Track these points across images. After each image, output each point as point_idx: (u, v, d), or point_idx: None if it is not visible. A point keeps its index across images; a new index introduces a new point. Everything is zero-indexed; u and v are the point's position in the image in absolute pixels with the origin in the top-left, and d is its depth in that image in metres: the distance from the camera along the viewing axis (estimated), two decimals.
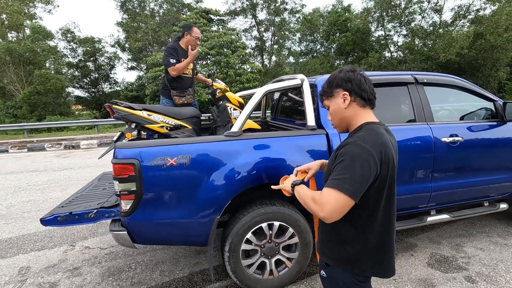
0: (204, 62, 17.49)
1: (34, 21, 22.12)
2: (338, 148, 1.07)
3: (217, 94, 3.13)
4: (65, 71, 23.33)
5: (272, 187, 1.32)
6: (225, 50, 17.23)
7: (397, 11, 20.39)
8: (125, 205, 1.86)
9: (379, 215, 1.05)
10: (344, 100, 1.10)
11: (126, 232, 1.92)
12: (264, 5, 23.84)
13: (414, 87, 2.44)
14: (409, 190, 2.35)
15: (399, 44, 22.33)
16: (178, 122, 2.74)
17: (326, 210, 0.96)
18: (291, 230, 2.09)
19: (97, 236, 3.23)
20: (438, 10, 20.21)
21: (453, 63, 17.87)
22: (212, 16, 20.62)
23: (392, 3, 19.75)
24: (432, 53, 18.16)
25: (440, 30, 19.30)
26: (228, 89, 3.19)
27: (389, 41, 22.46)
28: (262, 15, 24.58)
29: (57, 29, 29.02)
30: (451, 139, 2.40)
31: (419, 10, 20.54)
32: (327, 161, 1.33)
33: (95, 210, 2.04)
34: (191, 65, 3.25)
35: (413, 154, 2.32)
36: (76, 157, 8.32)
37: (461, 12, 19.36)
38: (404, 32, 21.59)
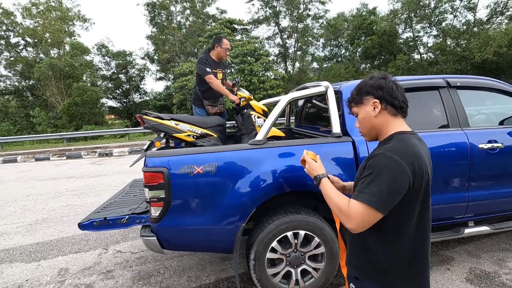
0: (228, 71, 17.88)
1: (73, 38, 23.94)
2: (367, 159, 1.04)
3: (241, 103, 3.18)
4: (99, 83, 24.90)
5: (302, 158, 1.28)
6: (249, 58, 17.51)
7: (427, 11, 19.60)
8: (155, 212, 1.94)
9: (412, 228, 1.00)
10: (374, 108, 1.07)
11: (155, 238, 1.99)
12: (287, 12, 23.99)
13: (446, 91, 2.33)
14: (443, 200, 2.22)
15: (429, 45, 21.39)
16: (204, 131, 2.82)
17: (353, 223, 0.95)
18: (317, 239, 2.06)
19: (128, 240, 3.38)
20: (472, 8, 19.16)
21: (490, 63, 16.75)
22: (236, 26, 21.12)
23: (421, 3, 19.03)
24: (467, 53, 17.19)
25: (475, 28, 18.26)
26: (252, 97, 3.23)
27: (418, 42, 21.60)
28: (285, 22, 24.74)
29: (93, 44, 31.23)
30: (489, 145, 2.24)
31: (450, 9, 19.62)
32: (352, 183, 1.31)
33: (127, 216, 2.14)
34: (221, 75, 3.36)
35: (447, 161, 2.20)
36: (109, 164, 8.78)
37: (497, 9, 18.18)
38: (435, 32, 20.69)
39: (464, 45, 18.08)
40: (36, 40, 22.33)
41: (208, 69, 3.17)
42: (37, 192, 5.85)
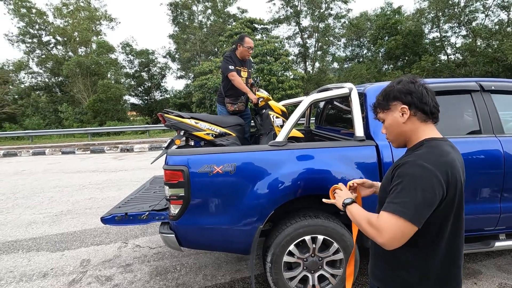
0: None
1: (99, 37, 24.88)
2: (394, 167, 0.98)
3: (260, 103, 3.17)
4: (123, 81, 25.76)
5: (324, 200, 1.23)
6: (268, 57, 17.47)
7: (456, 10, 18.74)
8: (174, 209, 1.96)
9: (444, 242, 0.94)
10: (402, 114, 1.01)
11: (174, 235, 2.02)
12: (308, 12, 23.72)
13: (479, 95, 2.20)
14: (473, 210, 2.10)
15: (457, 45, 20.44)
16: (223, 130, 2.85)
17: (385, 237, 0.87)
18: (336, 245, 2.01)
19: (147, 235, 3.46)
20: (506, 7, 18.13)
21: None
22: (256, 25, 21.12)
23: (450, 1, 18.22)
24: (499, 55, 16.27)
25: (509, 28, 17.24)
26: (270, 97, 3.21)
27: (446, 43, 20.70)
28: (305, 21, 24.49)
29: (118, 43, 32.27)
30: None
31: (482, 8, 18.66)
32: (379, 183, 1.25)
33: (147, 212, 2.19)
34: (246, 74, 3.37)
35: (478, 170, 2.07)
36: (130, 160, 9.05)
37: None
38: (464, 32, 19.75)
39: (496, 46, 17.11)
40: (65, 39, 23.40)
41: (231, 67, 3.20)
42: (63, 184, 6.12)
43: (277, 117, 3.07)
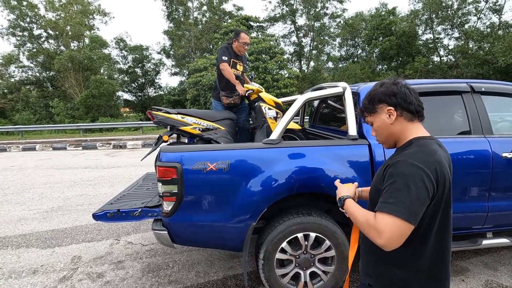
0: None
1: (92, 31, 24.48)
2: (385, 166, 1.00)
3: (251, 96, 3.15)
4: (116, 77, 25.42)
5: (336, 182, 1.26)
6: (263, 56, 17.45)
7: (449, 12, 18.98)
8: (167, 206, 1.95)
9: (432, 238, 0.96)
10: (389, 116, 1.03)
11: (166, 232, 2.01)
12: (304, 11, 23.75)
13: (469, 96, 2.24)
14: (461, 209, 2.14)
15: (450, 47, 20.73)
16: (211, 124, 2.84)
17: (384, 238, 0.88)
18: (327, 242, 2.03)
19: (139, 232, 3.44)
20: (497, 10, 18.45)
21: None
22: (252, 23, 21.06)
23: (443, 4, 18.44)
24: (489, 57, 16.57)
25: (500, 31, 17.55)
26: (262, 89, 3.17)
27: (439, 44, 20.97)
28: (301, 20, 24.49)
29: (111, 38, 31.80)
30: None
31: (474, 11, 18.95)
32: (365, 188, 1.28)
33: (140, 209, 2.18)
34: (241, 67, 3.36)
35: (467, 169, 2.12)
36: (123, 156, 8.96)
37: None
38: (456, 34, 20.03)
39: (487, 49, 17.41)
40: (57, 33, 22.97)
41: (224, 57, 3.17)
42: (54, 180, 6.04)
43: (269, 109, 3.04)
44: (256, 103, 3.11)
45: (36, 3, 22.61)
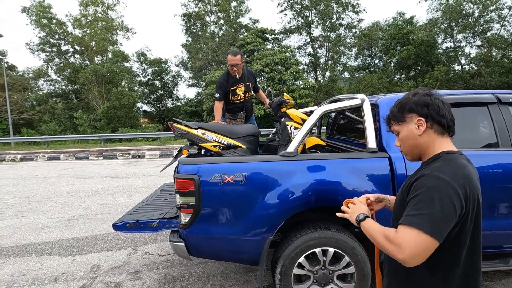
0: (258, 79, 18.11)
1: (115, 46, 25.69)
2: (410, 180, 0.96)
3: (281, 110, 3.02)
4: (136, 89, 26.38)
5: (337, 214, 1.18)
6: (279, 67, 17.61)
7: (470, 20, 18.50)
8: (184, 218, 1.97)
9: (462, 260, 0.91)
10: (418, 127, 0.99)
11: (183, 244, 2.02)
12: (319, 22, 23.89)
13: (496, 108, 2.15)
14: (490, 226, 2.02)
15: (471, 56, 20.10)
16: (232, 142, 2.73)
17: (405, 252, 0.83)
18: (347, 258, 1.96)
19: (156, 242, 3.47)
20: None
21: None
22: (267, 35, 21.40)
23: (464, 12, 18.02)
24: None
25: None
26: (291, 103, 3.09)
27: (460, 53, 20.39)
28: (316, 31, 24.56)
29: (133, 52, 33.20)
30: None
31: (497, 18, 18.35)
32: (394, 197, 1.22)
33: (158, 220, 2.20)
34: (243, 89, 3.38)
35: (495, 184, 2.01)
36: (141, 166, 9.18)
37: None
38: (479, 42, 19.42)
39: None
40: (83, 48, 24.29)
41: (217, 94, 3.31)
42: (76, 189, 6.25)
43: (295, 128, 2.90)
44: (283, 119, 2.99)
45: (65, 21, 24.11)
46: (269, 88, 3.63)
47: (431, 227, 0.82)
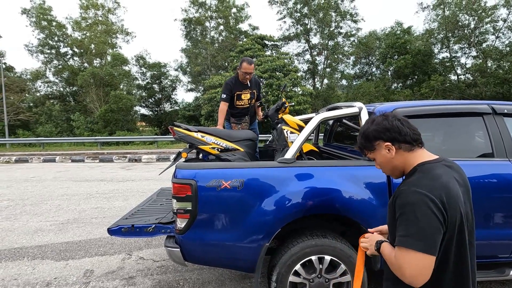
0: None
1: (114, 49, 25.73)
2: (393, 198, 0.99)
3: (279, 115, 3.06)
4: (134, 92, 26.37)
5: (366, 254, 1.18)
6: (277, 73, 17.73)
7: (466, 31, 18.83)
8: (181, 223, 1.95)
9: (450, 269, 0.92)
10: (389, 150, 1.03)
11: (179, 249, 2.00)
12: (318, 30, 24.16)
13: (491, 118, 2.18)
14: (485, 236, 2.03)
15: (467, 66, 20.40)
16: (230, 144, 2.82)
17: (406, 274, 0.85)
18: (343, 266, 1.96)
19: (151, 248, 3.43)
20: None
21: None
22: (266, 42, 21.59)
23: (460, 23, 18.35)
24: (510, 76, 16.15)
25: None
26: (287, 109, 3.12)
27: (455, 63, 20.70)
28: (315, 39, 24.83)
29: (132, 55, 33.30)
30: None
31: (492, 30, 18.70)
32: None
33: (154, 225, 2.18)
34: (248, 95, 3.41)
35: (490, 194, 2.03)
36: (137, 170, 9.12)
37: None
38: (474, 53, 19.74)
39: (507, 68, 17.03)
40: (82, 51, 24.30)
41: (223, 95, 3.32)
42: (71, 192, 6.19)
43: (291, 132, 2.95)
44: (279, 125, 3.03)
45: (64, 24, 24.16)
46: (263, 100, 3.65)
47: (424, 245, 0.84)
